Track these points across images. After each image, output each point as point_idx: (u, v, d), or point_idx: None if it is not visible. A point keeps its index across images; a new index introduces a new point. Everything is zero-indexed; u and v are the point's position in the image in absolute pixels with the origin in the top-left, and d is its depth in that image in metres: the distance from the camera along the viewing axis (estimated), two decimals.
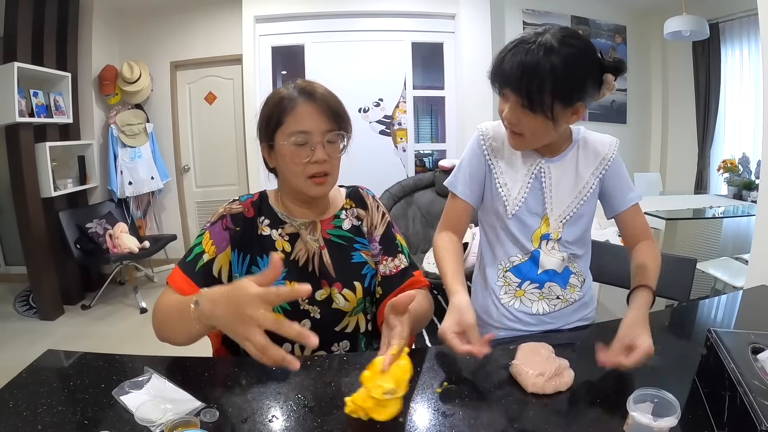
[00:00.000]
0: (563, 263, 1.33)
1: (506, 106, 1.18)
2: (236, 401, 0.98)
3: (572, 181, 1.31)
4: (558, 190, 1.30)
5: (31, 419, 0.92)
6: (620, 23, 5.71)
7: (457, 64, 5.01)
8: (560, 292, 1.35)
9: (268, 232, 1.29)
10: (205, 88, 5.24)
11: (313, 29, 4.93)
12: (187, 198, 5.46)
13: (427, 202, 4.37)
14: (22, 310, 4.35)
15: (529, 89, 1.10)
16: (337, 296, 1.29)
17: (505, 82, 1.14)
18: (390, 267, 1.34)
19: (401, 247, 1.39)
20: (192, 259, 1.22)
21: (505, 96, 1.17)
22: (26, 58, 3.91)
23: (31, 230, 4.00)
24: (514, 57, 1.10)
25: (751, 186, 4.15)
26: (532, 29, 1.16)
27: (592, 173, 1.31)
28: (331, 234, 1.33)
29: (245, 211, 1.29)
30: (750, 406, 0.75)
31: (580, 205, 1.31)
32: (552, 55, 1.07)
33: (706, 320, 1.40)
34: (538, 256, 1.32)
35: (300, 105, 1.19)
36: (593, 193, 1.31)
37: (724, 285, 3.06)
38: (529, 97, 1.11)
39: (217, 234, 1.25)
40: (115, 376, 1.07)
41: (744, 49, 5.16)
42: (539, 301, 1.36)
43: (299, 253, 1.29)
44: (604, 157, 1.31)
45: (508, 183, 1.32)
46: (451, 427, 0.89)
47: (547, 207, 1.30)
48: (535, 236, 1.32)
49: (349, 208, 1.38)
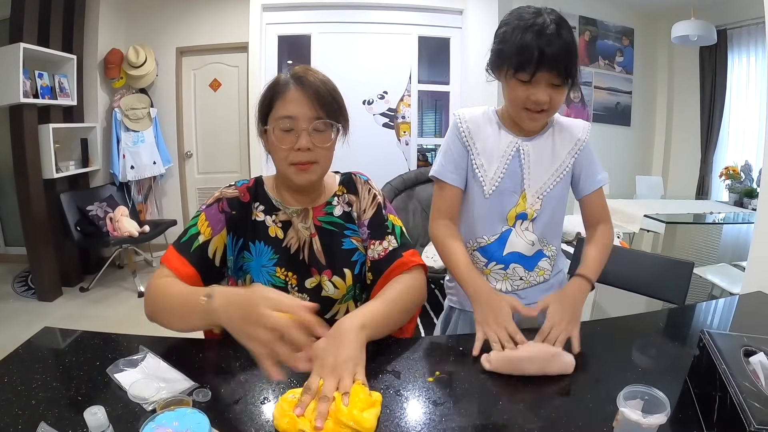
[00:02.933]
0: (533, 247, 1.39)
1: (532, 89, 1.20)
2: (229, 383, 0.99)
3: (549, 159, 1.36)
4: (536, 167, 1.35)
5: (25, 394, 0.92)
6: (628, 25, 5.70)
7: (463, 59, 5.00)
8: (523, 274, 1.41)
9: (262, 218, 1.29)
10: (210, 75, 5.23)
11: (320, 19, 4.92)
12: (189, 184, 5.46)
13: (428, 196, 4.37)
14: (21, 290, 4.36)
15: (566, 65, 1.17)
16: (326, 284, 1.29)
17: (542, 60, 1.15)
18: (378, 251, 1.30)
19: (392, 228, 1.34)
20: (187, 240, 1.22)
21: (533, 79, 1.19)
22: (32, 40, 3.91)
23: (31, 211, 4.01)
24: (544, 37, 1.14)
25: (753, 194, 4.14)
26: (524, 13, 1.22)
27: (568, 153, 1.37)
28: (322, 221, 1.32)
29: (241, 196, 1.30)
30: (740, 407, 0.75)
31: (557, 182, 1.36)
32: (567, 30, 1.18)
33: (701, 323, 1.40)
34: (508, 236, 1.37)
35: (290, 91, 1.19)
36: (568, 172, 1.37)
37: (722, 291, 3.06)
38: (566, 73, 1.18)
39: (212, 216, 1.25)
40: (110, 355, 1.07)
41: (751, 57, 5.15)
42: (503, 281, 1.41)
43: (291, 241, 1.29)
44: (579, 138, 1.38)
45: (484, 164, 1.36)
46: (441, 415, 0.89)
47: (525, 183, 1.35)
48: (511, 215, 1.37)
49: (341, 195, 1.36)
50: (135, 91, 4.96)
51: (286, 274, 1.27)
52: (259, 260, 1.27)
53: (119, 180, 4.87)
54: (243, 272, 1.29)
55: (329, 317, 1.31)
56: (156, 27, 5.06)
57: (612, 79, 5.71)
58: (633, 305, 1.25)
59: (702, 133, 5.64)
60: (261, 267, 1.27)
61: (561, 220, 1.44)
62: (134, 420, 0.85)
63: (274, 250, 1.28)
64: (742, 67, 5.27)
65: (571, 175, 1.39)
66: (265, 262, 1.27)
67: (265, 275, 1.26)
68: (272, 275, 1.26)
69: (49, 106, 4.19)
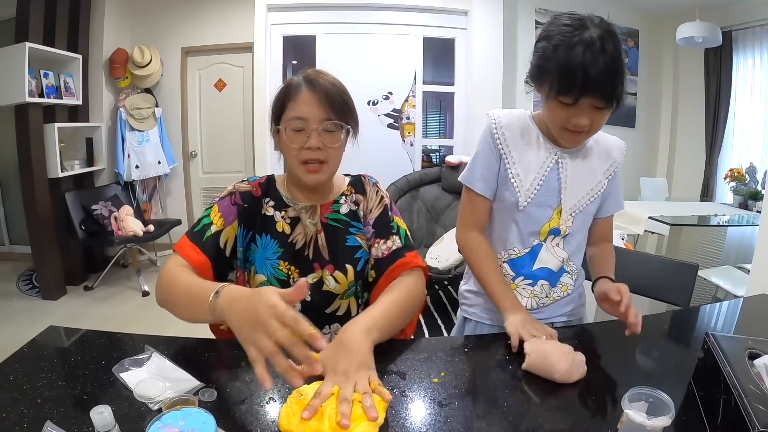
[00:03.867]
0: (561, 264, 1.34)
1: (575, 113, 1.13)
2: (235, 382, 0.99)
3: (587, 177, 1.31)
4: (573, 183, 1.30)
5: (30, 393, 0.93)
6: (633, 27, 5.69)
7: (468, 60, 5.01)
8: (548, 291, 1.36)
9: (271, 212, 1.32)
10: (215, 75, 5.25)
11: (326, 20, 4.93)
12: (193, 183, 5.48)
13: (433, 197, 4.38)
14: (25, 289, 4.38)
15: (613, 88, 1.09)
16: (328, 278, 1.31)
17: (587, 90, 1.08)
18: (382, 249, 1.32)
19: (396, 229, 1.35)
20: (200, 230, 1.25)
21: (578, 102, 1.11)
22: (38, 39, 3.93)
23: (36, 210, 4.03)
24: (593, 57, 1.06)
25: (758, 196, 4.13)
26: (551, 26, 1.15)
27: (603, 173, 1.33)
28: (329, 218, 1.35)
29: (253, 191, 1.33)
30: (744, 410, 0.75)
31: (591, 200, 1.32)
32: (614, 44, 1.08)
33: (706, 326, 1.40)
34: (539, 251, 1.32)
35: (302, 92, 1.22)
36: (602, 192, 1.33)
37: (726, 294, 3.05)
38: (610, 97, 1.10)
39: (225, 208, 1.28)
40: (115, 354, 1.08)
41: (756, 58, 5.14)
42: (530, 298, 1.36)
43: (297, 237, 1.31)
44: (615, 160, 1.34)
45: (520, 174, 1.29)
46: (446, 416, 0.89)
47: (562, 199, 1.30)
48: (544, 230, 1.32)
49: (349, 194, 1.39)
50: (140, 90, 4.98)
51: (289, 268, 1.29)
52: (264, 253, 1.29)
53: (124, 179, 4.89)
54: (249, 263, 1.31)
55: (329, 312, 1.32)
56: (161, 27, 5.08)
57: None
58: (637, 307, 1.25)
59: (707, 135, 5.63)
60: (265, 259, 1.29)
61: (585, 239, 1.40)
62: (140, 419, 0.85)
63: (279, 244, 1.30)
64: (747, 69, 5.26)
65: (601, 196, 1.35)
66: (269, 255, 1.29)
67: (268, 267, 1.28)
68: (275, 268, 1.28)
69: (54, 106, 4.22)
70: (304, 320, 0.86)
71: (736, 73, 5.33)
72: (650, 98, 5.92)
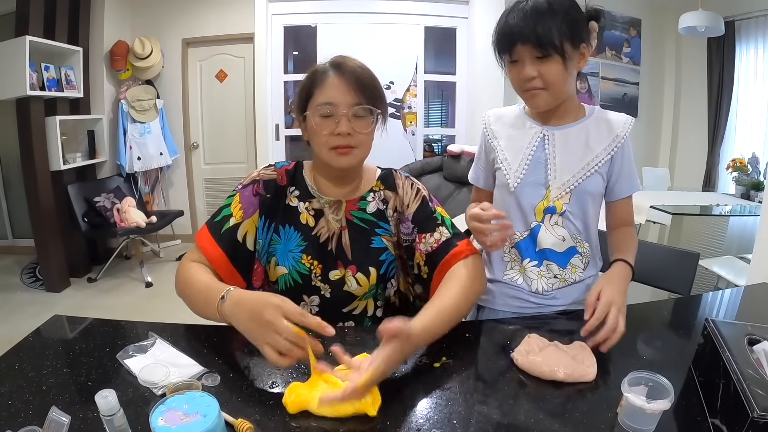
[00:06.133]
0: (564, 243, 1.32)
1: (520, 67, 1.19)
2: (238, 367, 1.01)
3: (581, 151, 1.29)
4: (563, 157, 1.29)
5: (36, 380, 0.94)
6: (636, 16, 5.66)
7: (469, 50, 4.99)
8: (558, 271, 1.34)
9: (295, 203, 1.30)
10: (216, 66, 5.24)
11: (326, 10, 4.92)
12: (195, 175, 5.48)
13: (435, 187, 4.37)
14: (29, 281, 4.40)
15: (541, 33, 1.12)
16: (350, 279, 1.28)
17: (516, 37, 1.15)
18: (430, 243, 1.26)
19: (441, 220, 1.30)
20: (219, 221, 1.25)
21: (517, 56, 1.18)
22: (38, 32, 3.92)
23: (39, 203, 4.04)
24: (517, 13, 1.15)
25: (760, 186, 4.12)
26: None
27: (604, 149, 1.29)
28: (354, 215, 1.31)
29: (278, 179, 1.30)
30: (743, 394, 0.76)
31: (587, 176, 1.28)
32: (548, 2, 1.14)
33: (706, 313, 1.40)
34: (538, 231, 1.32)
35: (329, 78, 1.19)
36: (602, 168, 1.29)
37: (727, 284, 3.05)
38: (541, 41, 1.13)
39: (246, 198, 1.26)
40: (119, 341, 1.09)
41: (759, 48, 5.11)
42: (538, 279, 1.35)
43: (321, 230, 1.29)
44: (618, 135, 1.29)
45: (508, 157, 1.33)
46: (447, 400, 0.90)
47: (549, 175, 1.29)
48: (539, 209, 1.31)
49: (378, 191, 1.34)
50: (141, 82, 4.98)
51: (312, 262, 1.27)
52: (287, 245, 1.28)
53: (126, 171, 4.90)
54: (269, 255, 1.29)
55: (346, 311, 1.31)
56: (162, 18, 5.06)
57: (619, 69, 5.68)
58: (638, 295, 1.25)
59: (709, 125, 5.61)
60: (288, 252, 1.28)
61: (596, 217, 1.36)
62: (144, 404, 0.86)
63: (303, 237, 1.28)
64: (750, 59, 5.23)
65: (607, 173, 1.31)
66: (292, 247, 1.28)
67: (290, 260, 1.27)
68: (298, 261, 1.27)
69: (55, 99, 4.22)
70: (309, 314, 0.90)
71: (738, 62, 5.30)
72: (653, 88, 5.90)
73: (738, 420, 0.75)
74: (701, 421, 0.85)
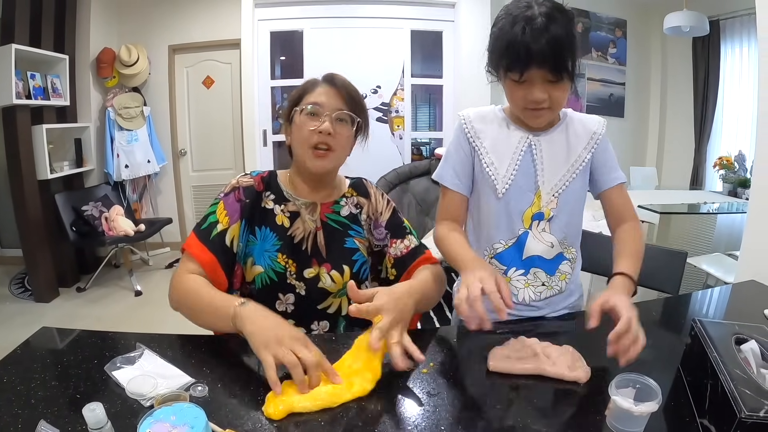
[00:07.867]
0: (552, 249, 1.32)
1: (527, 88, 1.15)
2: (226, 378, 1.00)
3: (564, 154, 1.30)
4: (550, 163, 1.29)
5: (24, 393, 0.93)
6: (621, 17, 5.71)
7: (456, 53, 5.00)
8: (545, 279, 1.33)
9: (271, 206, 1.35)
10: (203, 72, 5.22)
11: (312, 15, 4.91)
12: (183, 182, 5.45)
13: (423, 190, 4.38)
14: (18, 292, 4.35)
15: (558, 60, 1.10)
16: (324, 276, 1.34)
17: (532, 59, 1.09)
18: (400, 248, 1.39)
19: (409, 230, 1.44)
20: (206, 227, 1.28)
21: (527, 77, 1.13)
22: (24, 40, 3.89)
23: (26, 212, 4.00)
24: (531, 30, 1.08)
25: (747, 184, 4.15)
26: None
27: (584, 147, 1.30)
28: (329, 217, 1.38)
29: (255, 185, 1.35)
30: (731, 394, 0.76)
31: (573, 178, 1.29)
32: (559, 20, 1.09)
33: (695, 312, 1.41)
34: (525, 239, 1.30)
35: (320, 86, 1.32)
36: (585, 167, 1.30)
37: (716, 281, 3.07)
38: (558, 67, 1.10)
39: (230, 205, 1.31)
40: (107, 353, 1.08)
41: (744, 47, 5.16)
42: (525, 288, 1.34)
43: (296, 231, 1.34)
44: (595, 132, 1.31)
45: (494, 162, 1.30)
46: (435, 406, 0.90)
47: (539, 180, 1.29)
48: (527, 215, 1.30)
49: (350, 196, 1.43)
50: (128, 89, 4.95)
51: (287, 261, 1.32)
52: (263, 245, 1.32)
53: (114, 179, 4.86)
54: (246, 255, 1.33)
55: (321, 308, 1.36)
56: (148, 25, 5.04)
57: (605, 70, 5.73)
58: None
59: (696, 124, 5.66)
60: (264, 251, 1.32)
61: (580, 220, 1.37)
62: (132, 416, 0.85)
63: (278, 237, 1.33)
64: (735, 58, 5.28)
65: (588, 171, 1.32)
66: (268, 247, 1.32)
67: (266, 259, 1.31)
68: (273, 260, 1.31)
69: (42, 107, 4.17)
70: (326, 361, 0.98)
71: (724, 61, 5.35)
72: (639, 88, 5.94)
73: (726, 420, 0.75)
74: (690, 421, 0.85)
